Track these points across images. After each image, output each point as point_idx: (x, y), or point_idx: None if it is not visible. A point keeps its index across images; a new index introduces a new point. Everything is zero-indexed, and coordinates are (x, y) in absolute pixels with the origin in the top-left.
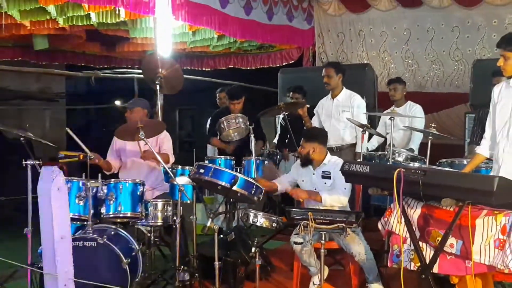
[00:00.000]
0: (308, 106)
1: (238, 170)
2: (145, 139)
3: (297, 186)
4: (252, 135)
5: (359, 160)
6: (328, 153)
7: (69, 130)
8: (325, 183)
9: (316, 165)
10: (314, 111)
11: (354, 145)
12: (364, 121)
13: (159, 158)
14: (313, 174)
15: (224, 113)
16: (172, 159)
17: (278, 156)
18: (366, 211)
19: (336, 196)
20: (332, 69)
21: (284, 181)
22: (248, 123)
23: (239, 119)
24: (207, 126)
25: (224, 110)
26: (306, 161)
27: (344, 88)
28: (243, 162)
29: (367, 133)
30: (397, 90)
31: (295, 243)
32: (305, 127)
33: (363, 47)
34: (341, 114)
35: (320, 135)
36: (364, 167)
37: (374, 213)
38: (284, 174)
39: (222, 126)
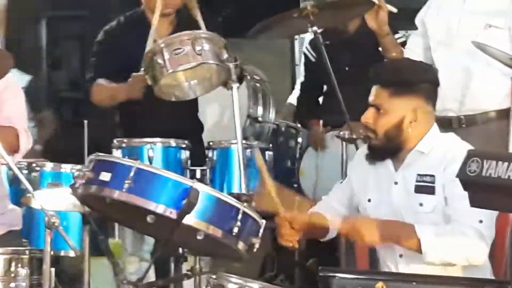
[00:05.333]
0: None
1: (199, 175)
2: None
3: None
4: (236, 86)
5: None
6: (435, 127)
7: None
8: (421, 204)
9: (401, 159)
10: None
11: (505, 115)
12: None
13: None
14: (395, 183)
15: (135, 28)
16: (26, 141)
17: (298, 140)
18: None
19: (458, 243)
20: None
21: (337, 206)
22: (225, 54)
23: (204, 44)
24: (93, 59)
25: (135, 20)
26: (384, 149)
27: None
28: (210, 155)
29: None
30: None
31: None
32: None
33: None
34: (481, 30)
35: (426, 76)
36: None
37: None
38: (334, 188)
39: (159, 61)
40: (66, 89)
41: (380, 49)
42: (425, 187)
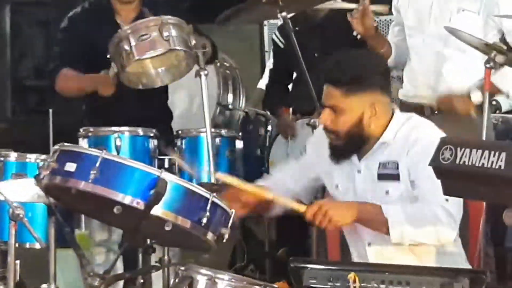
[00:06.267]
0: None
1: (167, 165)
2: None
3: (322, 196)
4: (204, 73)
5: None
6: (397, 113)
7: None
8: (386, 192)
9: (365, 150)
10: (393, 9)
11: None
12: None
13: None
14: (358, 171)
15: (101, 14)
16: None
17: (268, 128)
18: (498, 268)
19: (425, 221)
20: None
21: (288, 183)
22: (193, 40)
23: (171, 30)
24: (57, 47)
25: (100, 7)
26: (348, 148)
27: None
28: (178, 143)
29: (498, 65)
30: None
31: None
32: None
33: None
34: (454, 15)
35: (377, 69)
36: (494, 155)
37: None
38: (289, 164)
39: (125, 48)
40: (31, 77)
41: (353, 33)
42: (389, 174)
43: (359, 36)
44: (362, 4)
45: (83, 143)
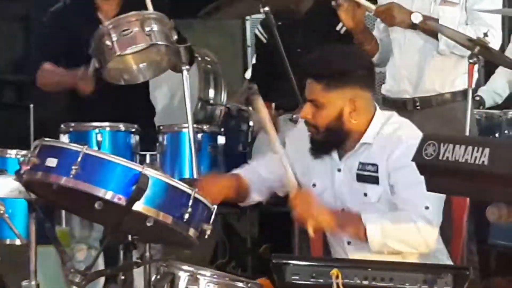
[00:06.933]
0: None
1: (149, 160)
2: None
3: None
4: (186, 68)
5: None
6: (378, 111)
7: None
8: (365, 194)
9: (346, 149)
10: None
11: (461, 97)
12: (477, 28)
13: None
14: (338, 170)
15: (82, 9)
16: None
17: (250, 124)
18: (481, 265)
19: (405, 231)
20: None
21: (263, 172)
22: (175, 36)
23: (153, 25)
24: (38, 42)
25: (81, 1)
26: (327, 143)
27: None
28: (160, 139)
29: (482, 62)
30: None
31: None
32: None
33: None
34: (436, 7)
35: (359, 64)
36: (477, 151)
37: (498, 267)
38: (270, 155)
39: (106, 43)
40: (10, 71)
41: (338, 28)
42: (368, 176)
43: (342, 31)
44: None
45: (64, 138)
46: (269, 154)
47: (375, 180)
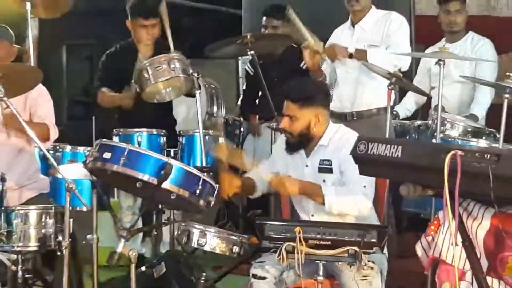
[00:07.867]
0: (317, 43)
1: (173, 154)
2: (5, 98)
3: None
4: (198, 92)
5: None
6: (331, 123)
7: None
8: (324, 181)
9: (310, 149)
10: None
11: (383, 111)
12: (396, 64)
13: (29, 131)
14: (306, 165)
15: (128, 52)
16: (54, 133)
17: (241, 129)
18: (397, 225)
19: (350, 200)
20: None
21: (261, 174)
22: (190, 70)
23: (176, 63)
24: (98, 73)
25: (128, 47)
26: (298, 144)
27: (373, 7)
28: (180, 140)
29: (397, 87)
30: (458, 13)
31: (254, 276)
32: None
33: None
34: (366, 48)
35: (321, 91)
36: (393, 148)
37: (409, 227)
38: (262, 162)
39: (144, 75)
40: (80, 94)
41: (301, 65)
42: (326, 168)
43: (304, 67)
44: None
45: (115, 139)
46: (264, 161)
47: (330, 171)
